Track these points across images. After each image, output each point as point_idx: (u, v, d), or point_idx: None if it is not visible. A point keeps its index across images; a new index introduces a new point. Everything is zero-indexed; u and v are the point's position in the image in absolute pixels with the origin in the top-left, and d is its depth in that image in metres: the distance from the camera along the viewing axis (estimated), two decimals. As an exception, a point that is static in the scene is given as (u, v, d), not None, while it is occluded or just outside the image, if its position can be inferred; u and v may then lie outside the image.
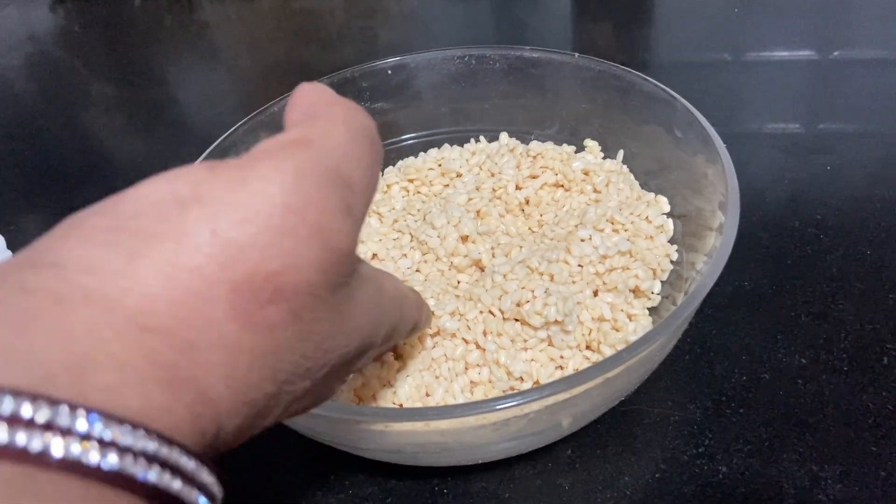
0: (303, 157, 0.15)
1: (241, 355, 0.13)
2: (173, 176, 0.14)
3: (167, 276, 0.13)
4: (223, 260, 0.13)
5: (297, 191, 0.14)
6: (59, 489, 0.10)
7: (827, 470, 0.31)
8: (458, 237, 0.37)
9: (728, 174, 0.32)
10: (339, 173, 0.16)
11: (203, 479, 0.13)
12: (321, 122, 0.17)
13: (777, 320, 0.38)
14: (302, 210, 0.14)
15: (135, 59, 0.78)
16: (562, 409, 0.27)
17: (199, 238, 0.13)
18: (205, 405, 0.13)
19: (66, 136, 0.66)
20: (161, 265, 0.13)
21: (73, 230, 0.13)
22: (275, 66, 0.73)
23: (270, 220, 0.13)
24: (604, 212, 0.37)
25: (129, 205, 0.14)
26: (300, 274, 0.14)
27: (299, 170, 0.14)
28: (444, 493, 0.33)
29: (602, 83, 0.42)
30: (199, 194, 0.13)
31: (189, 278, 0.13)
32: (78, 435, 0.10)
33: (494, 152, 0.43)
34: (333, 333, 0.16)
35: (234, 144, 0.39)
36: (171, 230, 0.13)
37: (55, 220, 0.14)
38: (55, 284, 0.12)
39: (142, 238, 0.13)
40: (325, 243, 0.14)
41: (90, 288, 0.12)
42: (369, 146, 0.17)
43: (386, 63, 0.45)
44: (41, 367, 0.11)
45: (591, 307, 0.33)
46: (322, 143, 0.16)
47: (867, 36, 0.62)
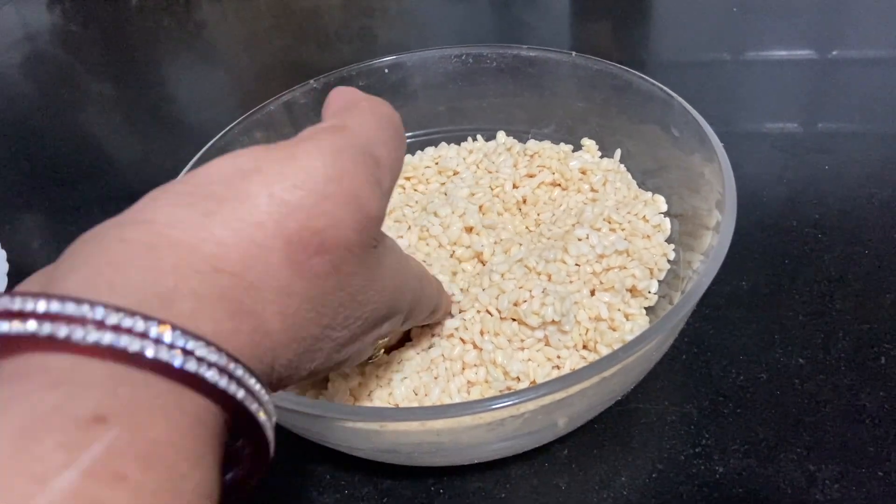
0: (339, 139, 0.18)
1: (292, 297, 0.17)
2: (236, 154, 0.17)
3: (235, 229, 0.16)
4: (278, 217, 0.16)
5: (335, 164, 0.17)
6: (148, 382, 0.13)
7: (824, 470, 0.31)
8: (462, 227, 0.36)
9: (725, 173, 0.32)
10: (369, 152, 0.19)
11: (261, 396, 0.15)
12: (353, 112, 0.20)
13: (775, 320, 0.38)
14: (339, 179, 0.17)
15: (132, 58, 0.78)
16: (558, 408, 0.27)
17: (259, 199, 0.16)
18: (262, 335, 0.16)
19: (63, 135, 0.66)
20: (230, 220, 0.16)
21: (160, 195, 0.16)
22: (273, 66, 0.73)
23: (315, 186, 0.17)
24: (601, 211, 0.37)
25: (203, 176, 0.17)
26: (339, 231, 0.17)
27: (336, 148, 0.18)
28: (440, 493, 0.32)
29: (599, 82, 0.41)
30: (258, 166, 0.17)
31: (252, 231, 0.16)
32: (165, 344, 0.13)
33: (492, 151, 0.43)
34: (365, 288, 0.19)
35: (229, 143, 0.39)
36: (237, 193, 0.16)
37: (52, 220, 0.15)
38: (147, 236, 0.15)
39: (215, 200, 0.16)
40: (359, 207, 0.18)
41: (175, 237, 0.15)
42: (394, 131, 0.21)
43: (383, 62, 0.45)
44: (138, 295, 0.14)
45: (588, 307, 0.33)
46: (354, 128, 0.19)
47: (865, 35, 0.62)
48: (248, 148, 0.18)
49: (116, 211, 0.17)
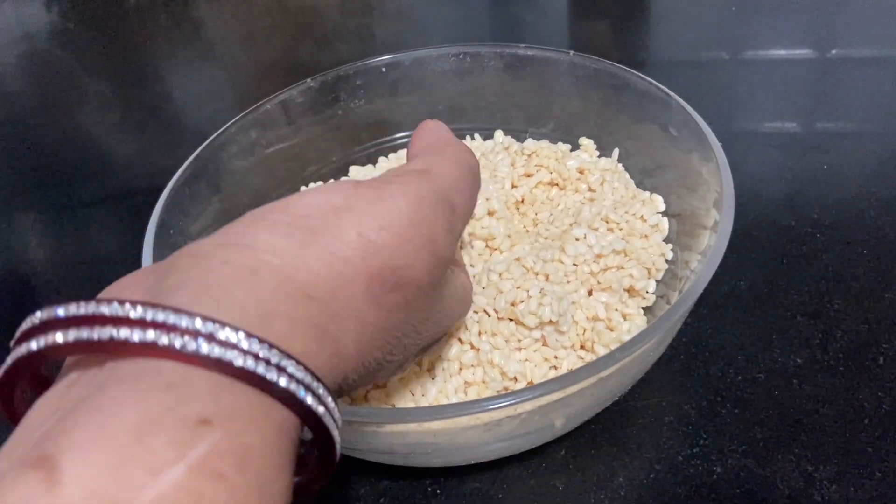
0: (423, 185, 0.20)
1: (367, 326, 0.18)
2: (329, 188, 0.19)
3: (326, 262, 0.17)
4: (364, 255, 0.18)
5: (418, 209, 0.19)
6: (246, 392, 0.14)
7: (822, 470, 0.31)
8: (487, 208, 0.37)
9: (723, 172, 0.32)
10: (448, 200, 0.21)
11: (335, 413, 0.17)
12: (438, 158, 0.22)
13: (772, 320, 0.38)
14: (420, 224, 0.19)
15: (129, 56, 0.78)
16: (555, 409, 0.27)
17: (349, 237, 0.18)
18: (340, 359, 0.18)
19: (60, 133, 0.66)
20: (322, 253, 0.17)
21: (259, 221, 0.18)
22: (270, 64, 0.73)
23: (398, 229, 0.19)
24: (598, 211, 0.37)
25: (299, 208, 0.18)
26: (414, 272, 0.19)
27: (420, 194, 0.20)
28: (436, 494, 0.32)
29: (597, 81, 0.41)
30: (349, 204, 0.18)
31: (340, 265, 0.17)
32: (263, 360, 0.15)
33: (489, 150, 0.43)
34: (426, 319, 0.22)
35: (226, 142, 0.39)
36: (330, 228, 0.18)
37: (48, 219, 0.15)
38: (249, 261, 0.16)
39: (309, 232, 0.18)
40: (433, 251, 0.19)
41: (274, 265, 0.17)
42: (472, 180, 0.23)
43: (380, 61, 0.45)
44: (241, 314, 0.15)
45: (586, 307, 0.33)
46: (438, 175, 0.21)
47: (865, 34, 0.62)
48: (338, 183, 0.20)
49: (113, 209, 0.17)
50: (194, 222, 0.37)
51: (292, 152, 0.44)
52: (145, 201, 0.55)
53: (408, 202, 0.19)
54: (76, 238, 0.52)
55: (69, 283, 0.47)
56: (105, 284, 0.20)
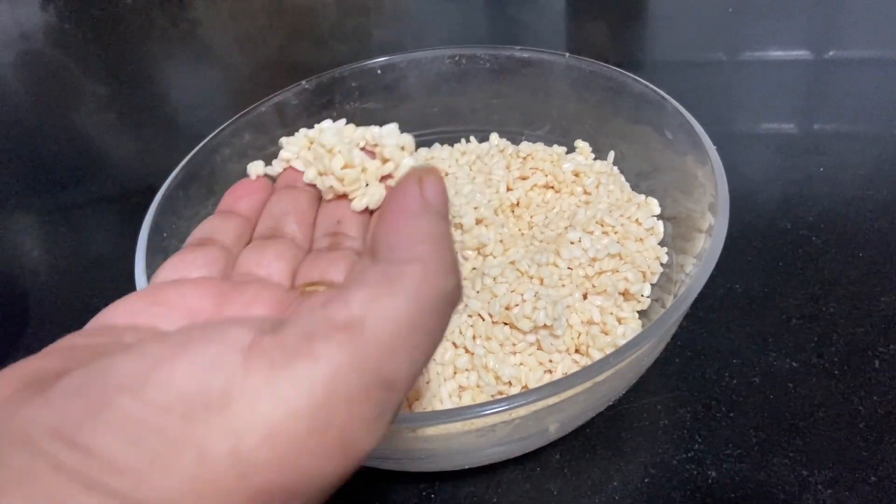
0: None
1: None
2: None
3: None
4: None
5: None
6: None
7: (817, 475, 0.31)
8: (475, 217, 0.36)
9: (718, 176, 0.32)
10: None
11: None
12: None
13: (768, 323, 0.37)
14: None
15: (126, 56, 0.78)
16: (549, 414, 0.27)
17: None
18: None
19: (56, 134, 0.65)
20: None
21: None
22: (266, 64, 0.73)
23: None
24: (594, 214, 0.37)
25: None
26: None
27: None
28: (431, 498, 0.32)
29: (593, 84, 0.41)
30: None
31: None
32: None
33: (485, 153, 0.43)
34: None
35: (220, 145, 0.39)
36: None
37: (43, 220, 0.14)
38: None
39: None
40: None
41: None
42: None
43: (375, 62, 0.45)
44: None
45: (581, 310, 0.33)
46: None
47: (861, 36, 0.62)
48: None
49: (108, 211, 0.16)
50: (188, 225, 0.36)
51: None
52: (140, 203, 0.55)
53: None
54: (70, 239, 0.52)
55: (63, 285, 0.47)
56: (99, 286, 0.19)
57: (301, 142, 0.25)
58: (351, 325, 0.14)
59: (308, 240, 0.23)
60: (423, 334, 0.15)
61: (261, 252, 0.21)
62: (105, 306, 0.19)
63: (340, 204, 0.24)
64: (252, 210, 0.24)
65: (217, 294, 0.19)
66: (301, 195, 0.24)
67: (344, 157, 0.23)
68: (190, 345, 0.14)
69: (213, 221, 0.23)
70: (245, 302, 0.18)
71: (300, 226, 0.23)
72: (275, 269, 0.21)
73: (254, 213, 0.24)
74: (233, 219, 0.23)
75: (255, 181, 0.25)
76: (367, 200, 0.23)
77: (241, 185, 0.25)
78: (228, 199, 0.24)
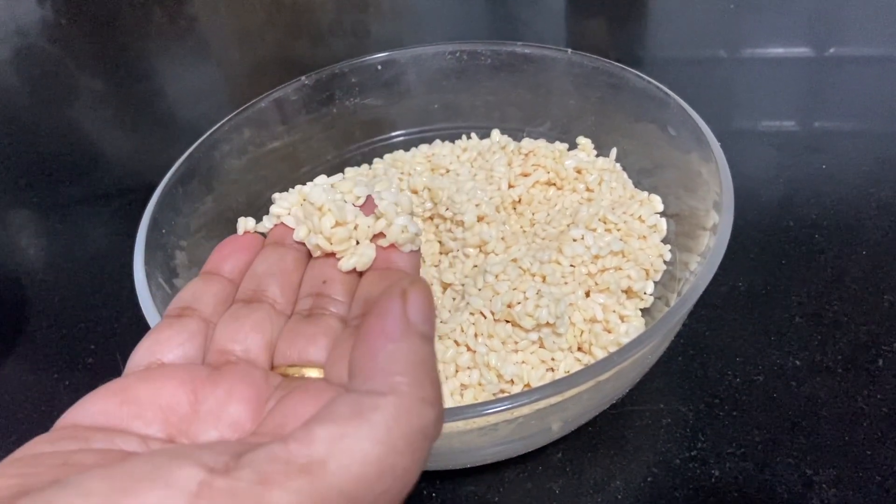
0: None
1: None
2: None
3: None
4: None
5: None
6: None
7: (821, 474, 0.31)
8: (477, 214, 0.36)
9: (722, 173, 0.31)
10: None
11: None
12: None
13: (771, 321, 0.37)
14: None
15: (123, 52, 0.77)
16: (552, 413, 0.27)
17: None
18: None
19: (53, 130, 0.65)
20: None
21: None
22: (265, 61, 0.72)
23: None
24: (596, 211, 0.37)
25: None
26: None
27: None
28: (432, 497, 0.32)
29: (595, 80, 0.41)
30: None
31: None
32: None
33: (486, 149, 0.43)
34: None
35: (219, 141, 0.39)
36: None
37: (39, 217, 0.13)
38: None
39: None
40: None
41: None
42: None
43: (376, 58, 0.44)
44: None
45: (583, 308, 0.33)
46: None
47: (862, 34, 0.61)
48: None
49: (105, 208, 0.15)
50: (187, 221, 0.36)
51: (286, 151, 0.43)
52: (137, 199, 0.55)
53: None
54: (68, 236, 0.51)
55: (60, 282, 0.47)
56: (97, 283, 0.19)
57: (293, 198, 0.24)
58: (310, 468, 0.13)
59: (290, 303, 0.22)
60: (392, 478, 0.13)
61: (238, 323, 0.20)
62: (102, 303, 0.19)
63: (328, 262, 0.23)
64: (237, 271, 0.23)
65: (192, 388, 0.18)
66: (288, 254, 0.23)
67: (335, 215, 0.22)
68: (132, 488, 0.12)
69: (196, 286, 0.22)
70: (221, 397, 0.18)
71: (283, 288, 0.22)
72: (252, 343, 0.20)
73: (238, 274, 0.23)
74: (215, 283, 0.22)
75: (243, 237, 0.24)
76: (354, 261, 0.22)
77: (229, 242, 0.23)
78: (215, 257, 0.23)
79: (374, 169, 0.44)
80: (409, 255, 0.23)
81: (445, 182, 0.38)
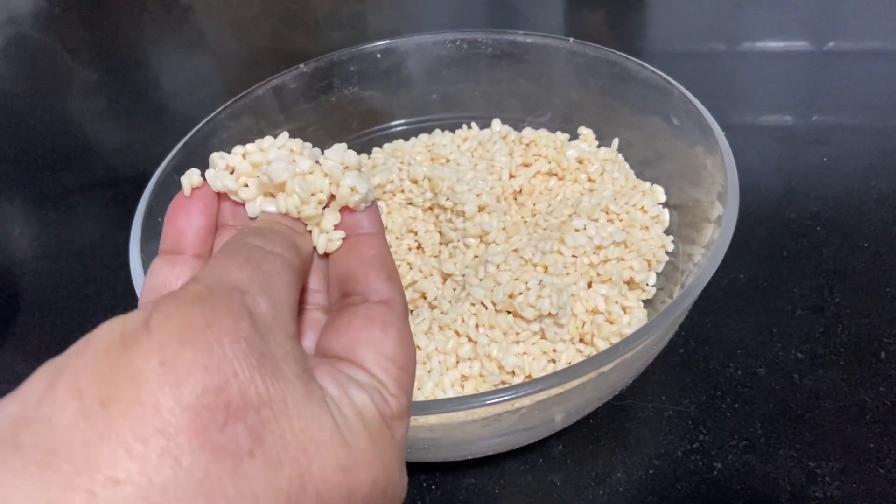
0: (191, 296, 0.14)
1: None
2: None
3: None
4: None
5: (199, 313, 0.14)
6: None
7: (824, 466, 0.30)
8: (477, 204, 0.36)
9: (728, 165, 0.31)
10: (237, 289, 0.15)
11: None
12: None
13: (773, 314, 0.37)
14: (207, 327, 0.14)
15: (117, 42, 0.76)
16: (554, 404, 0.26)
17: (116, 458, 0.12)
18: None
19: (46, 120, 0.64)
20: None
21: (9, 456, 0.12)
22: (261, 51, 0.72)
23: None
24: (598, 201, 0.36)
25: (51, 436, 0.12)
26: (244, 384, 0.14)
27: (195, 296, 0.14)
28: (431, 490, 0.32)
29: (597, 69, 0.41)
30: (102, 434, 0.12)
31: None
32: None
33: (486, 139, 0.42)
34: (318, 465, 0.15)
35: (215, 129, 0.38)
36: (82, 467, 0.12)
37: (33, 206, 0.13)
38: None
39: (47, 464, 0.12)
40: (259, 355, 0.14)
41: None
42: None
43: (375, 46, 0.44)
44: None
45: (585, 299, 0.32)
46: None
47: (863, 27, 0.61)
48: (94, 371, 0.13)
49: (99, 197, 0.15)
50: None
51: (284, 140, 0.43)
52: (131, 189, 0.54)
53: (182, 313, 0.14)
54: (62, 226, 0.51)
55: (54, 272, 0.46)
56: (91, 274, 0.18)
57: (240, 163, 0.20)
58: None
59: None
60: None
61: None
62: (96, 294, 0.18)
63: None
64: (199, 242, 0.20)
65: None
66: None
67: (300, 196, 0.19)
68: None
69: (164, 272, 0.20)
70: None
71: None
72: None
73: (202, 244, 0.20)
74: (178, 264, 0.20)
75: (193, 200, 0.20)
76: (322, 246, 0.20)
77: (180, 210, 0.20)
78: (171, 230, 0.20)
79: (373, 158, 0.43)
80: (367, 212, 0.20)
81: (446, 172, 0.38)
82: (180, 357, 0.13)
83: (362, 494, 0.15)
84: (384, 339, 0.17)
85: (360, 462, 0.15)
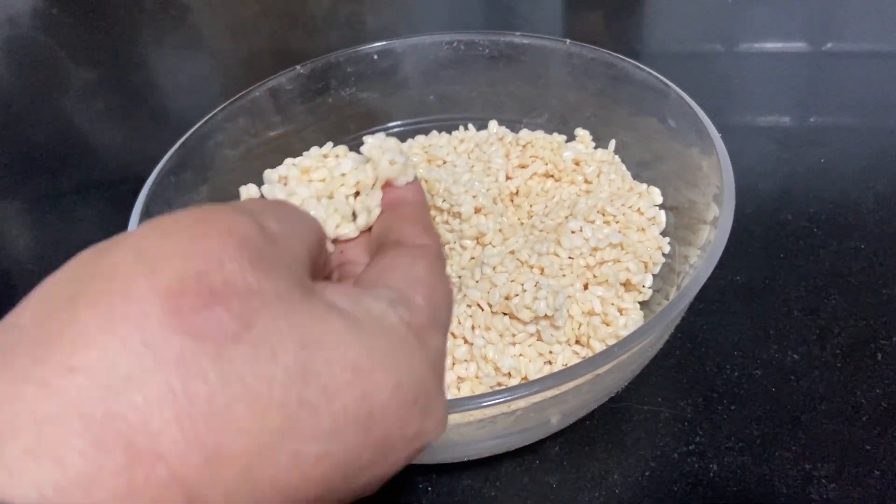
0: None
1: (194, 381, 0.12)
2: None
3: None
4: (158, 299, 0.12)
5: (194, 216, 0.13)
6: None
7: (820, 468, 0.30)
8: (474, 206, 0.36)
9: (724, 167, 0.31)
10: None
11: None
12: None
13: (769, 315, 0.37)
14: (207, 218, 0.13)
15: (114, 42, 0.76)
16: (551, 406, 0.26)
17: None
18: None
19: (44, 120, 0.64)
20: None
21: (27, 380, 0.11)
22: (258, 52, 0.72)
23: (175, 246, 0.13)
24: (595, 203, 0.36)
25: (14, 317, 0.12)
26: (224, 272, 0.13)
27: (196, 218, 0.13)
28: (428, 492, 0.32)
29: (594, 71, 0.41)
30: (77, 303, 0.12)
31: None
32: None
33: (483, 141, 0.42)
34: (322, 359, 0.13)
35: (213, 130, 0.38)
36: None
37: (31, 207, 0.13)
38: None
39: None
40: (240, 237, 0.13)
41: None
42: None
43: (372, 48, 0.44)
44: None
45: (581, 301, 0.32)
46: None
47: (860, 28, 0.61)
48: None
49: (96, 199, 0.15)
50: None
51: (281, 141, 0.43)
52: (128, 191, 0.54)
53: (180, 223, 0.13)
54: (58, 227, 0.50)
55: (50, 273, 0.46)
56: None
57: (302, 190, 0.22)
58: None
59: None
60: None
61: None
62: None
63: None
64: None
65: None
66: None
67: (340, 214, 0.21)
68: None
69: None
70: None
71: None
72: None
73: None
74: None
75: None
76: (363, 221, 0.21)
77: None
78: None
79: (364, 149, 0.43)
80: (408, 187, 0.21)
81: (442, 173, 0.38)
82: (159, 247, 0.12)
83: (381, 399, 0.14)
84: (412, 265, 0.17)
85: (377, 363, 0.14)
